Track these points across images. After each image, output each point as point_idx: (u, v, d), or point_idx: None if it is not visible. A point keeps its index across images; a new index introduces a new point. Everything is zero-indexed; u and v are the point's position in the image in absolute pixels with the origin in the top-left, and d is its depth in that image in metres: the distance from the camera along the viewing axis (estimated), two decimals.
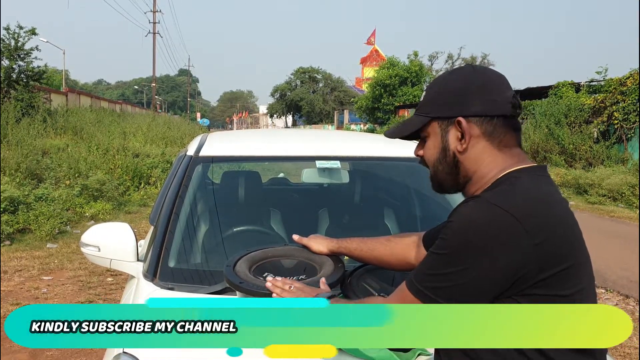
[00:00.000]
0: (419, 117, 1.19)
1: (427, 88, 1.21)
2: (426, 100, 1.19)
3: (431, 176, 1.22)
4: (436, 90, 1.18)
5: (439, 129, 1.16)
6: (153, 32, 37.42)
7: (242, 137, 3.26)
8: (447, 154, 1.16)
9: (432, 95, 1.18)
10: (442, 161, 1.17)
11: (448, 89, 1.15)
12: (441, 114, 1.15)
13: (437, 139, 1.17)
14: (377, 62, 35.84)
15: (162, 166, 11.26)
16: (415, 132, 1.20)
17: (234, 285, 1.57)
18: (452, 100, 1.13)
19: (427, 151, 1.20)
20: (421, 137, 1.22)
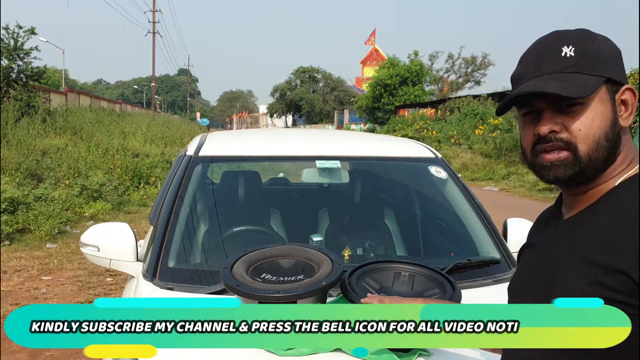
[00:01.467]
0: (586, 77, 0.90)
1: (573, 42, 0.93)
2: (588, 56, 0.91)
3: (579, 160, 0.91)
4: (597, 46, 0.92)
5: (607, 95, 0.91)
6: (153, 32, 37.41)
7: (242, 137, 3.26)
8: (615, 127, 0.91)
9: (595, 52, 0.92)
10: (609, 136, 0.90)
11: (608, 48, 0.93)
12: (615, 75, 0.92)
13: (605, 107, 0.91)
14: (377, 62, 35.85)
15: (162, 166, 11.26)
16: (588, 94, 0.90)
17: (230, 288, 1.57)
18: (618, 62, 0.93)
19: (587, 123, 0.90)
20: (559, 106, 0.91)
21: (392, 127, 23.82)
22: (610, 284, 0.85)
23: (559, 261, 0.94)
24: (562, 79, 0.90)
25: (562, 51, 0.93)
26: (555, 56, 0.93)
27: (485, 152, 16.30)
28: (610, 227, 0.88)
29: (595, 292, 0.87)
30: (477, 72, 36.08)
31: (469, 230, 2.31)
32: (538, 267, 1.00)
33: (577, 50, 0.92)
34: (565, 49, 0.93)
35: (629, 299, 0.83)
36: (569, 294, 0.89)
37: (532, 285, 1.00)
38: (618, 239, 0.85)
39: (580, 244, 0.91)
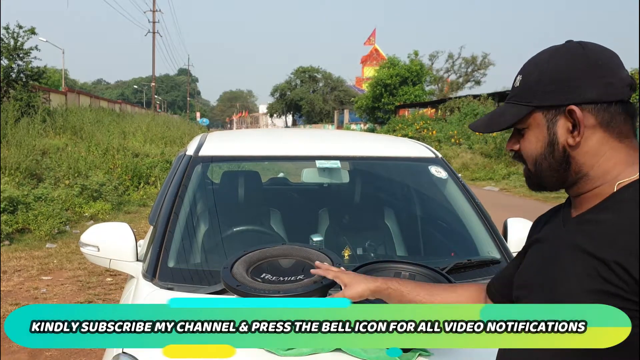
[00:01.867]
0: (516, 107, 1.01)
1: (524, 71, 1.02)
2: (525, 86, 1.00)
3: (529, 173, 1.05)
4: (538, 73, 0.99)
5: (544, 119, 0.99)
6: (152, 32, 37.42)
7: (242, 137, 3.26)
8: (555, 149, 0.99)
9: (533, 80, 0.99)
10: (549, 157, 1.00)
11: (553, 71, 0.98)
12: (547, 102, 0.98)
13: (541, 131, 1.00)
14: (377, 62, 35.85)
15: (162, 166, 11.26)
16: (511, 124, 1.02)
17: (231, 288, 1.57)
18: (559, 85, 0.97)
19: (526, 145, 1.02)
20: (517, 128, 1.04)
21: (392, 127, 23.82)
22: (608, 276, 0.89)
23: (562, 255, 0.99)
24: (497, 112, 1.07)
25: (515, 80, 1.04)
26: (512, 85, 1.06)
27: (485, 152, 16.30)
28: (612, 224, 0.92)
29: (594, 284, 0.91)
30: (477, 72, 36.08)
31: (469, 230, 2.31)
32: (543, 260, 1.04)
33: (522, 80, 1.03)
34: (518, 77, 1.04)
35: (625, 293, 0.88)
36: (570, 286, 0.94)
37: (536, 278, 1.04)
38: (617, 235, 0.90)
39: (582, 239, 0.95)
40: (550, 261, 1.02)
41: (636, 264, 0.86)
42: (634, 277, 0.87)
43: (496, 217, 2.39)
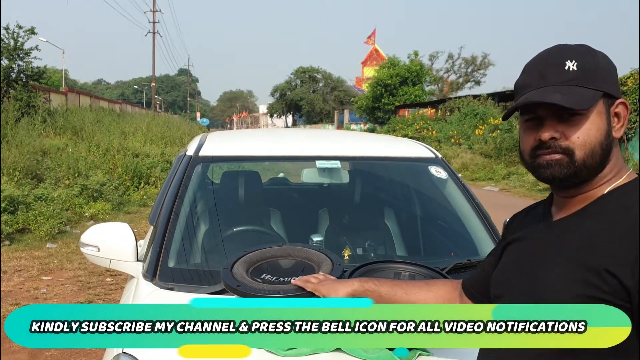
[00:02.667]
0: (587, 90, 0.97)
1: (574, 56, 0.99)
2: (588, 71, 0.98)
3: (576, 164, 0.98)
4: (593, 62, 1.00)
5: (604, 107, 0.99)
6: (153, 32, 37.41)
7: (242, 137, 3.26)
8: (609, 138, 0.99)
9: (593, 67, 0.99)
10: (603, 145, 0.98)
11: (604, 64, 1.00)
12: (611, 90, 0.99)
13: (602, 119, 0.98)
14: (377, 62, 35.84)
15: (162, 166, 11.26)
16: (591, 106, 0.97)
17: (231, 288, 1.57)
18: (612, 78, 1.00)
19: (585, 132, 0.97)
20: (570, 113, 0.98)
21: (392, 127, 23.82)
22: (597, 283, 0.91)
23: (547, 259, 1.00)
24: (565, 92, 0.97)
25: (566, 65, 0.99)
26: (559, 69, 1.00)
27: (485, 152, 16.29)
28: (599, 231, 0.95)
29: (582, 290, 0.93)
30: (477, 72, 36.06)
31: (469, 230, 2.31)
32: (524, 262, 1.06)
33: (579, 65, 0.99)
34: (569, 63, 0.99)
35: (613, 299, 0.90)
36: (555, 290, 0.96)
37: (516, 279, 1.06)
38: (607, 242, 0.92)
39: (569, 245, 0.98)
40: (532, 263, 1.03)
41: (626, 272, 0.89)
42: (624, 285, 0.89)
43: (496, 217, 2.39)
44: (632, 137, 13.12)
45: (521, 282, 1.04)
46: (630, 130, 13.08)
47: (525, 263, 1.05)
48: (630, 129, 13.06)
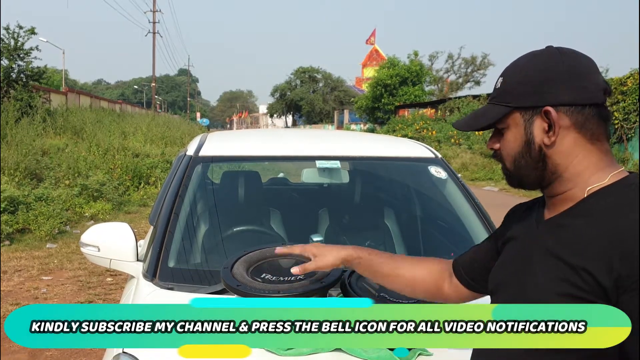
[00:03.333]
0: (497, 107, 1.06)
1: (505, 73, 1.07)
2: (505, 88, 1.05)
3: (508, 172, 1.09)
4: (517, 76, 1.04)
5: (522, 119, 1.03)
6: (153, 32, 37.42)
7: (242, 137, 3.26)
8: (531, 148, 1.03)
9: (513, 82, 1.04)
10: (526, 155, 1.04)
11: (531, 74, 1.03)
12: (525, 103, 1.02)
13: (519, 130, 1.04)
14: (377, 62, 35.84)
15: (162, 166, 11.26)
16: (492, 123, 1.07)
17: (231, 288, 1.57)
18: (537, 87, 1.01)
19: (506, 144, 1.06)
20: (497, 128, 1.08)
21: (392, 127, 23.81)
22: (577, 282, 0.94)
23: (534, 257, 1.03)
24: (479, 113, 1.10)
25: (497, 82, 1.08)
26: (495, 86, 1.09)
27: (485, 152, 16.29)
28: (582, 231, 0.97)
29: (562, 287, 0.95)
30: (477, 72, 36.07)
31: (469, 230, 2.31)
32: (516, 260, 1.09)
33: (503, 82, 1.07)
34: (500, 79, 1.08)
35: (591, 297, 0.93)
36: (541, 289, 0.98)
37: (508, 277, 1.09)
38: (587, 242, 0.95)
39: (555, 244, 1.00)
40: (522, 261, 1.06)
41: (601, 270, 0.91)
42: (601, 284, 0.91)
43: (496, 217, 2.39)
44: (632, 137, 13.12)
45: (513, 279, 1.07)
46: (630, 131, 13.08)
47: (517, 261, 1.08)
48: (630, 129, 13.06)
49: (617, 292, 0.90)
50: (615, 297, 0.91)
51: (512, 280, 1.07)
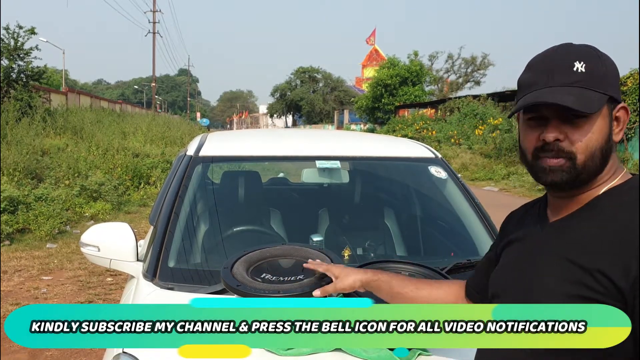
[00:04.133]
0: (594, 93, 0.97)
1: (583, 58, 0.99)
2: (596, 74, 0.98)
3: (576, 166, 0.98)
4: (602, 65, 0.99)
5: (608, 111, 0.99)
6: (153, 32, 37.42)
7: (242, 137, 3.26)
8: (609, 141, 0.99)
9: (601, 70, 0.99)
10: (604, 149, 0.98)
11: (611, 68, 1.00)
12: (616, 95, 0.99)
13: (605, 122, 0.98)
14: (377, 62, 35.84)
15: (162, 166, 11.26)
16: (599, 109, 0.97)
17: (231, 288, 1.57)
18: (616, 82, 1.00)
19: (589, 136, 0.97)
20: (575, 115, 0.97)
21: (392, 127, 23.81)
22: (591, 283, 0.92)
23: (542, 260, 1.01)
24: (573, 93, 0.96)
25: (574, 66, 0.98)
26: (567, 70, 0.99)
27: (485, 152, 16.30)
28: (593, 232, 0.95)
29: (574, 289, 0.94)
30: (477, 72, 36.07)
31: (469, 230, 2.31)
32: (521, 263, 1.07)
33: (587, 67, 0.98)
34: (577, 64, 0.98)
35: (607, 299, 0.91)
36: (551, 291, 0.97)
37: (513, 280, 1.07)
38: (600, 243, 0.93)
39: (565, 247, 0.98)
40: (528, 264, 1.04)
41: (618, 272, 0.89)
42: (617, 285, 0.90)
43: (496, 217, 2.39)
44: (632, 137, 13.12)
45: (517, 282, 1.05)
46: (630, 131, 13.07)
47: (522, 264, 1.06)
48: (630, 129, 13.06)
49: (633, 295, 0.89)
50: (632, 299, 0.89)
51: (516, 284, 1.05)
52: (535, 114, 1.01)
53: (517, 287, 1.05)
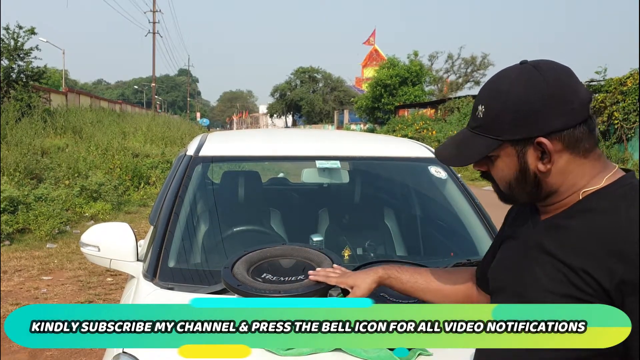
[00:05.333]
0: (484, 139, 1.02)
1: (485, 101, 1.03)
2: (490, 119, 1.01)
3: (500, 192, 1.08)
4: (501, 105, 1.00)
5: (514, 150, 1.01)
6: (153, 32, 37.41)
7: (242, 137, 3.26)
8: (527, 175, 1.01)
9: (497, 112, 1.00)
10: (521, 182, 1.03)
11: (516, 103, 0.98)
12: (516, 136, 0.99)
13: (512, 160, 1.02)
14: (377, 62, 35.84)
15: (162, 166, 11.26)
16: (484, 157, 1.04)
17: (231, 287, 1.57)
18: (526, 119, 0.97)
19: (497, 172, 1.06)
20: (487, 156, 1.05)
21: (392, 127, 23.81)
22: (579, 284, 0.94)
23: (533, 257, 1.03)
24: (462, 144, 1.07)
25: (477, 109, 1.05)
26: (474, 113, 1.06)
27: None
28: (581, 232, 0.97)
29: (564, 289, 0.95)
30: (477, 72, 36.08)
31: (469, 230, 2.31)
32: (515, 260, 1.09)
33: (485, 110, 1.02)
34: (480, 107, 1.04)
35: (592, 298, 0.93)
36: (542, 289, 0.98)
37: (508, 276, 1.09)
38: (587, 244, 0.95)
39: (551, 244, 1.00)
40: (521, 262, 1.06)
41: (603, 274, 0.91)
42: (603, 286, 0.91)
43: (496, 217, 2.39)
44: (632, 137, 13.12)
45: (513, 280, 1.06)
46: (630, 131, 13.08)
47: (516, 261, 1.08)
48: (630, 129, 13.06)
49: (621, 294, 0.90)
50: (620, 299, 0.90)
51: (510, 280, 1.07)
52: None
53: (513, 284, 1.06)
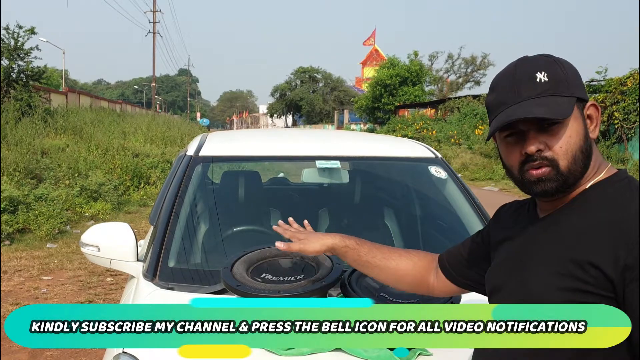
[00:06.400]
0: (562, 98, 0.98)
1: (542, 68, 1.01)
2: (558, 80, 1.00)
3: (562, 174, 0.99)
4: (561, 70, 1.01)
5: (579, 112, 1.00)
6: (153, 32, 37.41)
7: (242, 137, 3.26)
8: (587, 140, 1.00)
9: (563, 75, 1.00)
10: (585, 150, 0.99)
11: (571, 69, 1.02)
12: (583, 94, 1.01)
13: (579, 124, 1.00)
14: (377, 62, 35.84)
15: (162, 166, 11.26)
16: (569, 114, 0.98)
17: (231, 287, 1.57)
18: (579, 82, 1.02)
19: (568, 139, 0.98)
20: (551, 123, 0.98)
21: (392, 127, 23.81)
22: (581, 275, 0.94)
23: (534, 255, 1.03)
24: (543, 103, 0.98)
25: (537, 77, 1.01)
26: (531, 82, 1.01)
27: (485, 152, 16.29)
28: (582, 225, 0.97)
29: (566, 282, 0.95)
30: (477, 72, 36.08)
31: (469, 230, 2.31)
32: (516, 259, 1.08)
33: (549, 75, 1.00)
34: (539, 74, 1.01)
35: (597, 290, 0.93)
36: (544, 285, 0.98)
37: (507, 277, 1.09)
38: (589, 235, 0.95)
39: (555, 241, 1.00)
40: (521, 261, 1.06)
41: (608, 262, 0.91)
42: (607, 276, 0.91)
43: None
44: (632, 137, 13.12)
45: (512, 279, 1.07)
46: (630, 131, 13.07)
47: (516, 260, 1.08)
48: (630, 129, 13.06)
49: (623, 283, 0.90)
50: (622, 288, 0.91)
51: (512, 280, 1.07)
52: (512, 131, 1.03)
53: (513, 284, 1.06)
